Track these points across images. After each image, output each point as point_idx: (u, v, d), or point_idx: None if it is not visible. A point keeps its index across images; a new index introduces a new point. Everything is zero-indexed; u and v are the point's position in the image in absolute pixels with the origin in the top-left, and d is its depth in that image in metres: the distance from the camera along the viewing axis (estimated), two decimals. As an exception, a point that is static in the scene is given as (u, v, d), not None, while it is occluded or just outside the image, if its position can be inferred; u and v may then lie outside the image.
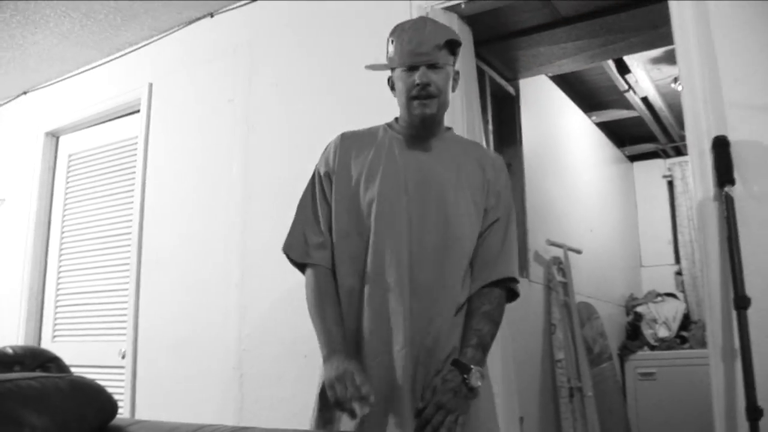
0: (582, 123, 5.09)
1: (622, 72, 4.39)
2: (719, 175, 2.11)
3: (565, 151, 4.67)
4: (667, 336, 5.22)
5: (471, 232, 1.81)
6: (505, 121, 3.85)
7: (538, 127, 4.11)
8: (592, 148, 5.30)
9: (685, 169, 5.83)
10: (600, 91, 4.85)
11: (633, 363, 5.15)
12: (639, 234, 6.16)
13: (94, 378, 1.90)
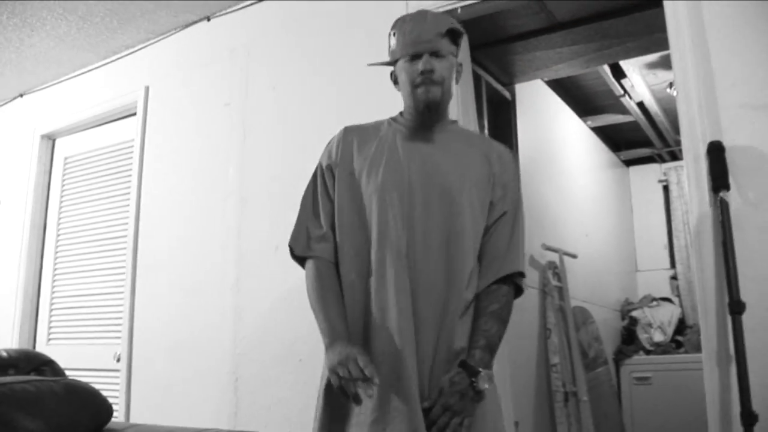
0: (578, 127, 5.09)
1: (617, 77, 4.40)
2: (714, 180, 2.11)
3: (561, 156, 4.67)
4: (663, 340, 5.22)
5: (476, 226, 1.78)
6: (501, 126, 3.85)
7: (533, 132, 4.11)
8: (588, 152, 5.31)
9: (680, 173, 5.82)
10: (596, 96, 4.86)
11: (628, 367, 5.14)
12: (634, 238, 6.16)
13: (89, 381, 1.91)
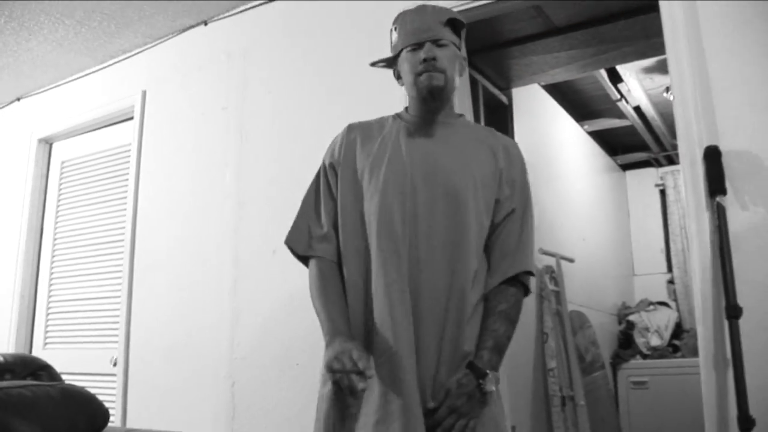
0: (574, 132, 5.10)
1: (614, 81, 4.41)
2: (711, 184, 2.11)
3: (558, 160, 4.68)
4: (660, 345, 5.23)
5: (480, 226, 1.73)
6: (498, 130, 3.84)
7: (530, 136, 4.12)
8: (585, 156, 5.32)
9: (677, 178, 5.84)
10: (592, 100, 4.87)
11: (625, 372, 5.15)
12: (631, 242, 6.17)
13: (85, 386, 1.90)
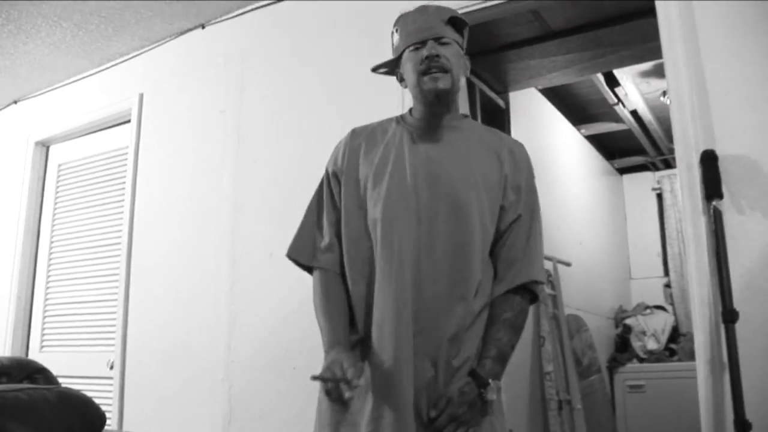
0: (571, 136, 5.11)
1: (611, 85, 4.42)
2: (707, 188, 2.12)
3: (555, 164, 4.68)
4: (656, 348, 5.23)
5: (485, 234, 1.70)
6: (496, 134, 3.85)
7: (527, 140, 4.06)
8: (582, 160, 5.32)
9: (674, 181, 5.84)
10: (589, 104, 4.87)
11: (622, 375, 5.15)
12: (628, 246, 6.17)
13: (82, 389, 1.90)
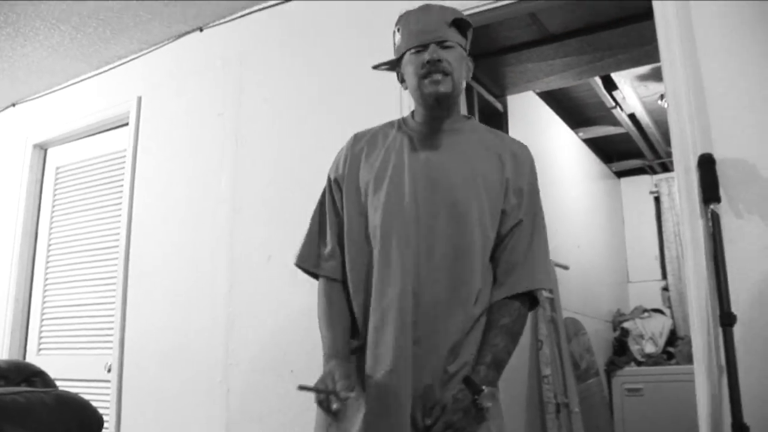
0: (569, 139, 5.11)
1: (609, 89, 4.42)
2: (705, 192, 2.13)
3: (553, 167, 4.68)
4: (654, 352, 5.23)
5: (485, 240, 1.69)
6: (494, 137, 3.85)
7: (525, 143, 4.12)
8: (580, 164, 5.33)
9: (671, 185, 5.84)
10: (587, 108, 4.88)
11: (620, 379, 5.14)
12: (626, 249, 6.17)
13: (79, 392, 1.90)
